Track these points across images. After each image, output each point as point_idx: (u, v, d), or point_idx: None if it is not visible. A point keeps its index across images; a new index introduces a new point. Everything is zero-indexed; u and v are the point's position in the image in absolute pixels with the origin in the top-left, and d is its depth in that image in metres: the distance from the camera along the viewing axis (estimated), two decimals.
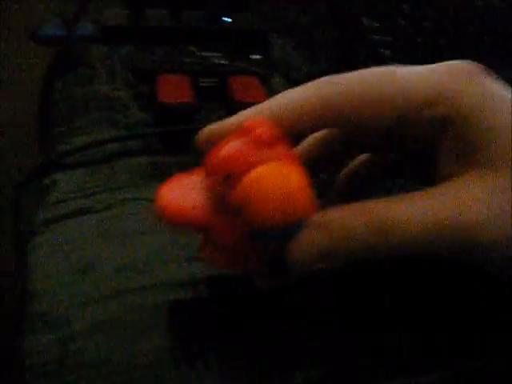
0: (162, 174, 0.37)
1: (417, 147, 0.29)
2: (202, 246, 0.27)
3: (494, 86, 0.27)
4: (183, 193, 0.26)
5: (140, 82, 0.47)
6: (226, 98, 0.46)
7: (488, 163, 0.25)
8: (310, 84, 0.28)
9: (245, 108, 0.42)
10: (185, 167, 0.39)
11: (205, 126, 0.42)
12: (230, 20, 0.55)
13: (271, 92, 0.48)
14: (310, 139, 0.32)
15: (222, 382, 0.24)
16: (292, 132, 0.27)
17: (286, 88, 0.32)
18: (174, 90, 0.43)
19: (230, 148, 0.25)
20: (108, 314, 0.27)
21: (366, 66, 0.53)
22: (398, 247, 0.25)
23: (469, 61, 0.28)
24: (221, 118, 0.45)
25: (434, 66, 0.28)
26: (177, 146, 0.41)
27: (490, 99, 0.26)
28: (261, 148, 0.24)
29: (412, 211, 0.25)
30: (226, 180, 0.24)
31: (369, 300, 0.29)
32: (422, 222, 0.24)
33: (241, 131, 0.25)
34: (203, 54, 0.50)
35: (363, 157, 0.34)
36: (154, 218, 0.33)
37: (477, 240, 0.25)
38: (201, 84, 0.47)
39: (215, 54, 0.50)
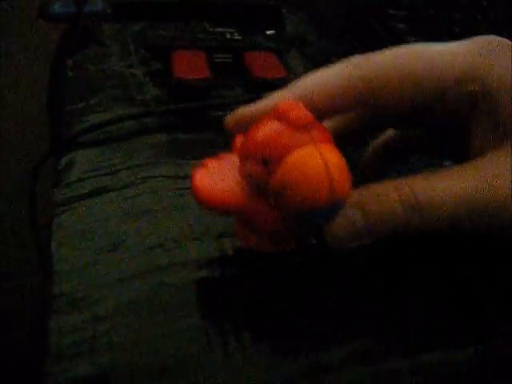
0: (181, 151, 0.37)
1: (448, 123, 0.29)
2: (236, 228, 0.27)
3: None
4: (218, 176, 0.26)
5: (154, 58, 0.46)
6: (243, 73, 0.45)
7: None
8: (342, 64, 0.27)
9: (265, 83, 0.42)
10: (202, 143, 0.38)
11: (221, 101, 0.42)
12: None
13: (288, 68, 0.47)
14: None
15: (254, 359, 0.24)
16: (323, 113, 0.27)
17: (303, 63, 0.32)
18: (189, 65, 0.43)
19: (267, 132, 0.24)
20: (137, 293, 0.26)
21: (381, 40, 0.52)
22: (432, 222, 0.25)
23: (494, 36, 0.28)
24: (237, 94, 0.44)
25: (463, 42, 0.28)
26: (194, 122, 0.40)
27: None
28: (297, 131, 0.24)
29: (445, 186, 0.25)
30: (264, 164, 0.24)
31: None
32: (455, 196, 0.25)
33: (275, 114, 0.24)
34: (216, 29, 0.49)
35: (391, 131, 0.33)
36: (176, 195, 0.33)
37: (507, 214, 0.25)
38: (215, 60, 0.46)
39: (228, 30, 0.49)
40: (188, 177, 0.34)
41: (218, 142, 0.38)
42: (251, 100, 0.41)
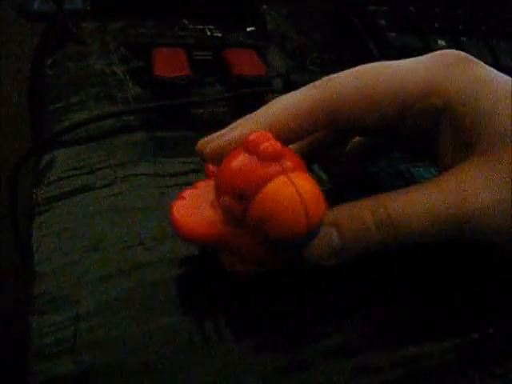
0: (161, 149, 0.37)
1: (415, 137, 0.30)
2: (220, 256, 0.27)
3: (482, 72, 0.27)
4: (195, 208, 0.26)
5: (134, 56, 0.46)
6: (223, 71, 0.45)
7: (487, 149, 0.26)
8: (305, 88, 0.28)
9: (245, 81, 0.42)
10: (183, 141, 0.38)
11: (202, 99, 0.42)
12: None
13: (269, 64, 0.48)
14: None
15: (235, 354, 0.24)
16: (292, 137, 0.27)
17: (283, 60, 0.32)
18: (169, 63, 0.43)
19: (239, 166, 0.25)
20: (117, 291, 0.27)
21: (361, 36, 0.52)
22: (406, 239, 0.26)
23: (454, 50, 0.28)
24: (218, 91, 0.44)
25: (422, 57, 0.28)
26: (175, 119, 0.40)
27: (481, 85, 0.27)
28: (268, 163, 0.24)
29: (418, 203, 0.25)
30: (240, 199, 0.24)
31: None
32: (428, 213, 0.25)
33: (244, 146, 0.25)
34: (196, 26, 0.49)
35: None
36: (156, 193, 0.33)
37: (480, 227, 0.25)
38: (196, 57, 0.46)
39: (209, 27, 0.49)
40: (168, 175, 0.34)
41: (199, 139, 0.38)
42: (231, 97, 0.42)
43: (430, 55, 0.28)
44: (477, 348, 0.26)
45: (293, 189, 0.23)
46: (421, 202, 0.25)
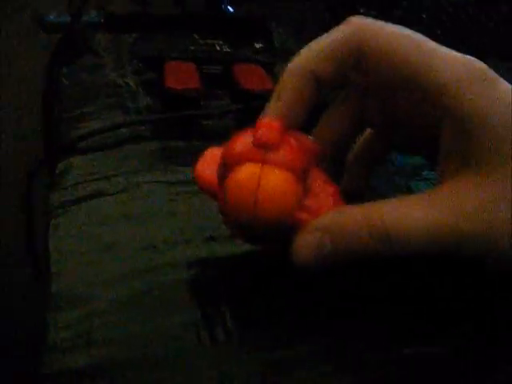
0: (172, 158, 0.39)
1: (421, 133, 0.30)
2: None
3: (501, 89, 0.27)
4: (211, 164, 0.29)
5: (146, 68, 0.47)
6: (231, 85, 0.46)
7: (488, 165, 0.25)
8: (340, 28, 0.28)
9: (252, 95, 0.44)
10: (192, 151, 0.40)
11: (210, 111, 0.43)
12: (231, 9, 0.55)
13: (275, 80, 0.49)
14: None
15: (243, 353, 0.26)
16: (321, 77, 0.28)
17: None
18: (180, 76, 0.44)
19: (237, 141, 0.27)
20: (130, 291, 0.28)
21: None
22: (400, 251, 0.25)
23: (480, 62, 0.27)
24: (226, 104, 0.46)
25: (453, 54, 0.27)
26: (185, 130, 0.42)
27: (495, 102, 0.26)
28: (257, 148, 0.26)
29: (414, 217, 0.25)
30: (224, 167, 0.27)
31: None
32: (424, 228, 0.25)
33: (255, 126, 0.27)
34: (206, 42, 0.51)
35: (367, 135, 0.35)
36: (167, 200, 0.34)
37: (476, 245, 0.25)
38: (205, 71, 0.48)
39: (218, 42, 0.51)
40: (178, 183, 0.36)
41: (206, 148, 0.40)
42: (239, 110, 0.44)
43: (458, 56, 0.27)
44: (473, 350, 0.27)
45: (254, 179, 0.25)
46: (418, 216, 0.25)
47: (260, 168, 0.25)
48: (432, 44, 0.28)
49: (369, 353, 0.26)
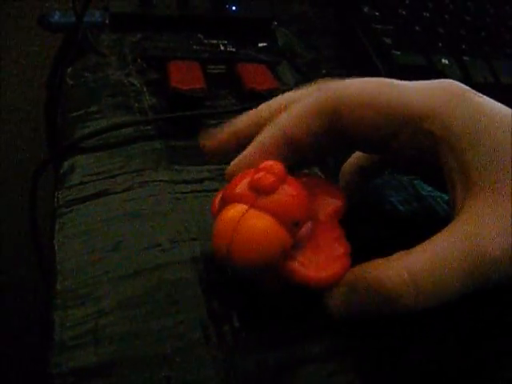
0: (176, 157, 0.39)
1: (412, 159, 0.29)
2: None
3: (483, 103, 0.27)
4: None
5: (151, 68, 0.47)
6: (236, 85, 0.47)
7: (491, 186, 0.25)
8: (310, 89, 0.29)
9: (256, 94, 0.44)
10: (197, 150, 0.40)
11: (215, 111, 0.44)
12: (235, 8, 0.56)
13: (279, 79, 0.49)
14: None
15: (251, 351, 0.26)
16: (302, 147, 0.28)
17: (293, 75, 0.33)
18: (185, 76, 0.44)
19: (238, 179, 0.27)
20: (137, 289, 0.28)
21: (368, 53, 0.54)
22: (430, 298, 0.25)
23: (455, 81, 0.28)
24: (231, 104, 0.46)
25: (427, 82, 0.28)
26: (189, 130, 0.42)
27: (482, 117, 0.26)
28: (253, 190, 0.26)
29: (438, 259, 0.24)
30: (221, 202, 0.27)
31: None
32: (449, 268, 0.24)
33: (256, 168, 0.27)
34: (210, 41, 0.51)
35: (359, 153, 0.35)
36: (172, 199, 0.34)
37: (502, 271, 0.25)
38: (209, 71, 0.48)
39: (222, 42, 0.51)
40: (184, 182, 0.36)
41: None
42: (243, 110, 0.44)
43: (435, 82, 0.28)
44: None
45: (233, 221, 0.25)
46: (441, 258, 0.24)
47: (245, 210, 0.25)
48: (403, 82, 0.28)
49: (378, 353, 0.26)
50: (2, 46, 0.71)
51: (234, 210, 0.25)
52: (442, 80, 0.28)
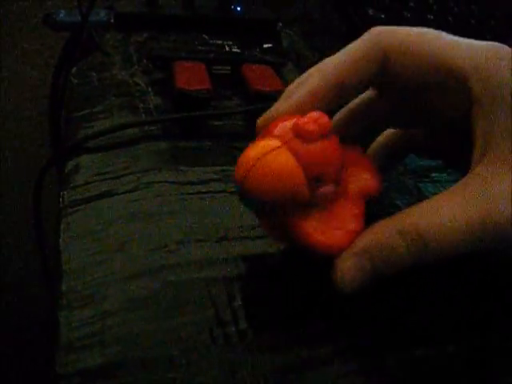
0: (182, 158, 0.39)
1: (446, 120, 0.30)
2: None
3: None
4: None
5: (156, 68, 0.47)
6: (241, 86, 0.46)
7: (508, 156, 0.25)
8: (362, 38, 0.29)
9: (262, 95, 0.44)
10: (202, 151, 0.40)
11: (221, 112, 0.43)
12: (240, 9, 0.55)
13: (284, 80, 0.49)
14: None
15: (257, 353, 0.26)
16: (350, 91, 0.29)
17: (298, 76, 0.33)
18: (190, 76, 0.44)
19: (285, 119, 0.27)
20: (142, 290, 0.28)
21: None
22: (437, 254, 0.25)
23: (507, 47, 0.28)
24: (236, 105, 0.46)
25: (478, 41, 0.28)
26: (195, 130, 0.42)
27: None
28: (296, 134, 0.26)
29: (445, 215, 0.25)
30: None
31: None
32: (456, 224, 0.25)
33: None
34: (216, 42, 0.51)
35: (390, 132, 0.35)
36: (178, 199, 0.34)
37: (509, 234, 0.25)
38: (215, 71, 0.48)
39: (227, 43, 0.51)
40: (189, 183, 0.36)
41: (216, 149, 0.40)
42: (249, 111, 0.44)
43: (484, 42, 0.28)
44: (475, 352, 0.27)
45: (262, 149, 0.25)
46: (449, 213, 0.25)
47: (277, 146, 0.25)
48: (452, 36, 0.29)
49: (384, 354, 0.26)
50: (6, 45, 0.71)
51: (266, 143, 0.26)
52: (494, 43, 0.28)
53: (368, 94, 0.32)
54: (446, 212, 0.25)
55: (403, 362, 0.26)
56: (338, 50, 0.30)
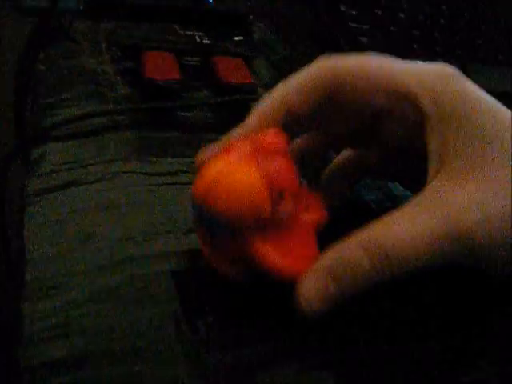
0: (149, 148, 0.38)
1: (399, 142, 0.30)
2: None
3: (472, 90, 0.28)
4: None
5: (125, 57, 0.47)
6: (211, 77, 0.46)
7: (463, 170, 0.26)
8: (312, 66, 0.29)
9: (231, 88, 0.44)
10: (171, 142, 0.40)
11: (190, 103, 0.43)
12: (212, 0, 0.55)
13: (254, 73, 0.49)
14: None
15: (224, 347, 0.26)
16: (301, 117, 0.29)
17: (268, 70, 0.34)
18: (160, 66, 0.44)
19: (237, 142, 0.27)
20: (108, 282, 0.28)
21: (345, 51, 0.54)
22: (401, 266, 0.25)
23: (452, 66, 0.29)
24: (205, 96, 0.46)
25: (424, 63, 0.29)
26: (163, 121, 0.42)
27: (469, 101, 0.27)
28: (256, 148, 0.26)
29: (405, 226, 0.25)
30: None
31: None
32: (416, 235, 0.25)
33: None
34: (186, 33, 0.51)
35: (343, 155, 0.35)
36: (145, 191, 0.34)
37: (472, 244, 0.25)
38: (185, 62, 0.48)
39: (198, 34, 0.51)
40: (157, 174, 0.36)
41: (185, 140, 0.40)
42: (218, 103, 0.43)
43: (430, 63, 0.29)
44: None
45: (221, 162, 0.25)
46: (410, 226, 0.25)
47: (239, 161, 0.25)
48: (399, 60, 0.30)
49: (364, 349, 0.26)
50: None
51: (227, 159, 0.25)
52: (438, 63, 0.29)
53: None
54: (406, 224, 0.25)
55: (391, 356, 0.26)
56: (309, 44, 0.30)
